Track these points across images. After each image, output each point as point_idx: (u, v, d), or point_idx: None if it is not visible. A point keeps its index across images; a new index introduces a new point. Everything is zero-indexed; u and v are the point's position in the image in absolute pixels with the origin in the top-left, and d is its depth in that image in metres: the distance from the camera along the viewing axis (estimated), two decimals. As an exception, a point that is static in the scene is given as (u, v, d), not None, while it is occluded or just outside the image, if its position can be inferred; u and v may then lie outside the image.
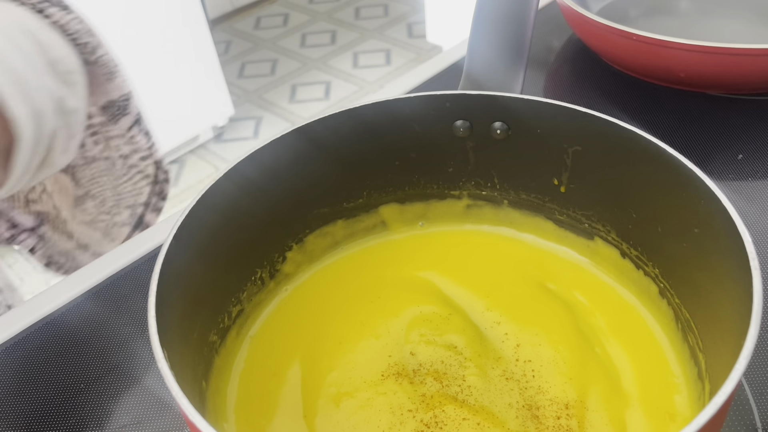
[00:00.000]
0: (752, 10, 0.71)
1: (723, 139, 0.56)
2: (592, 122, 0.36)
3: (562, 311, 0.39)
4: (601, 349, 0.36)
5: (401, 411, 0.34)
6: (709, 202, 0.31)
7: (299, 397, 0.35)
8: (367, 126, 0.40)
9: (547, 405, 0.34)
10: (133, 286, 0.48)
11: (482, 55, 0.42)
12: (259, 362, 0.38)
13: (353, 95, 2.21)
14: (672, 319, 0.36)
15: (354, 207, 0.43)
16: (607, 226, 0.40)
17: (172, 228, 0.32)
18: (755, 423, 0.35)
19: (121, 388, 0.41)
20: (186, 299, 0.33)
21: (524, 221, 0.44)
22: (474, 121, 0.40)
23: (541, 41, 0.71)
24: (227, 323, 0.38)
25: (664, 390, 0.34)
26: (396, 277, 0.42)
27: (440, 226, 0.45)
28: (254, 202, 0.38)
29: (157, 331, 0.27)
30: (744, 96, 0.60)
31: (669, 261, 0.36)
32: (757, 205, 0.49)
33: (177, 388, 0.25)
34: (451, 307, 0.39)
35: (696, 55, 0.57)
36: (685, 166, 0.32)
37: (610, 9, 0.73)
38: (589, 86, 0.65)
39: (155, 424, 0.39)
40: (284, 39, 2.58)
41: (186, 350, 0.32)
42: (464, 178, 0.43)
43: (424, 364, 0.36)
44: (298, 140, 0.39)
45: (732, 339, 0.27)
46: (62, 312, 0.47)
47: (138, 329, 0.45)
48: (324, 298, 0.41)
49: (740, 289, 0.28)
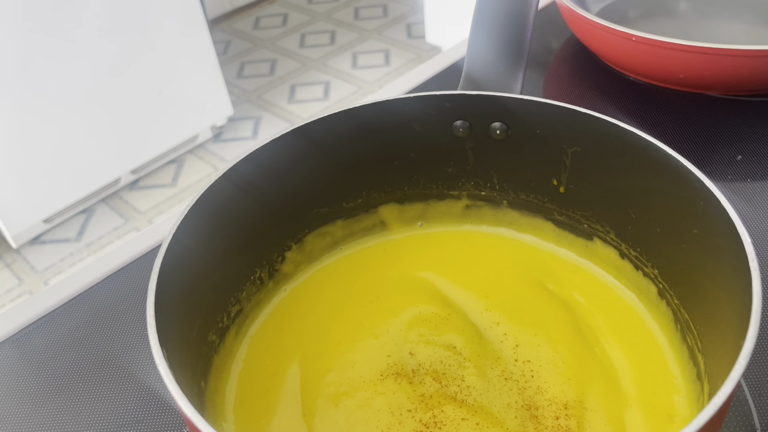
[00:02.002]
0: (751, 11, 0.71)
1: (722, 141, 0.56)
2: (592, 123, 0.36)
3: (561, 311, 0.39)
4: (600, 349, 0.36)
5: (400, 411, 0.34)
6: (709, 202, 0.31)
7: (298, 397, 0.35)
8: (367, 126, 0.40)
9: (546, 405, 0.34)
10: (132, 285, 0.48)
11: (482, 56, 0.42)
12: (258, 362, 0.37)
13: (352, 95, 2.21)
14: (671, 320, 0.36)
15: (353, 207, 0.43)
16: (606, 226, 0.40)
17: (171, 227, 0.32)
18: (754, 423, 0.35)
19: (120, 388, 0.41)
20: (185, 299, 0.33)
21: (523, 222, 0.44)
22: (473, 122, 0.40)
23: (539, 42, 0.71)
24: (226, 323, 0.38)
25: (663, 390, 0.34)
26: (395, 277, 0.42)
27: (439, 227, 0.45)
28: (253, 201, 0.38)
29: (156, 331, 0.27)
30: (743, 97, 0.60)
31: (668, 262, 0.36)
32: (756, 206, 0.49)
33: (176, 388, 0.25)
34: (450, 308, 0.39)
35: (695, 56, 0.57)
36: (684, 166, 0.32)
37: (609, 10, 0.73)
38: (588, 87, 0.65)
39: (154, 424, 0.39)
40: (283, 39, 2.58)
41: (185, 350, 0.32)
42: (463, 178, 0.43)
43: (423, 364, 0.36)
44: (298, 140, 0.39)
45: (731, 339, 0.27)
46: (60, 311, 0.46)
47: (136, 329, 0.45)
48: (323, 298, 0.41)
49: (739, 290, 0.28)
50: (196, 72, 1.82)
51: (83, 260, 1.63)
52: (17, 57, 1.44)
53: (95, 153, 1.67)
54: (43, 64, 1.49)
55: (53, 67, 1.51)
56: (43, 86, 1.51)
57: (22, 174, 1.54)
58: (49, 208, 1.64)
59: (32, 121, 1.52)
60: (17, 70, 1.45)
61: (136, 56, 1.65)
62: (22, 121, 1.50)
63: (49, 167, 1.58)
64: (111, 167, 1.73)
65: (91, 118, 1.61)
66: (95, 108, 1.61)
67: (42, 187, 1.60)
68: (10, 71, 1.44)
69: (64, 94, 1.55)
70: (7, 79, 1.44)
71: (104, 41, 1.57)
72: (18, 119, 1.49)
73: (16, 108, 1.48)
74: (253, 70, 2.40)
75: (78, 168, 1.65)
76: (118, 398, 0.40)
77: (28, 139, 1.52)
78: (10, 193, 1.54)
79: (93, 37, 1.55)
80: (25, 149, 1.53)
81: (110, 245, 1.66)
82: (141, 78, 1.68)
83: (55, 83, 1.52)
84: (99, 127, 1.64)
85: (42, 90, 1.51)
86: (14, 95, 1.47)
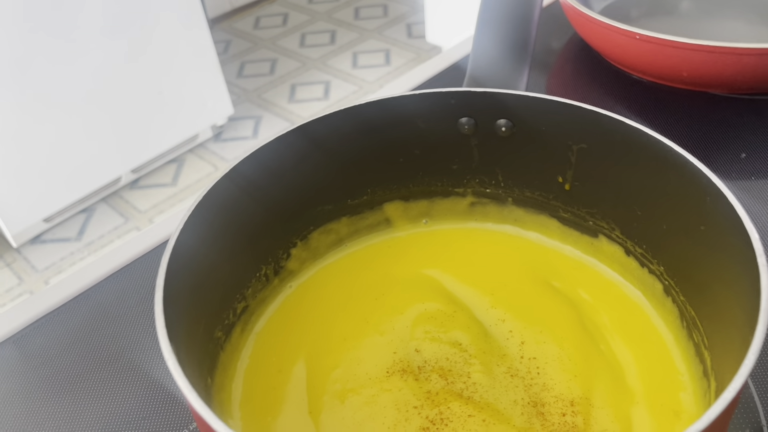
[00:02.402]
0: (754, 10, 0.71)
1: (726, 138, 0.56)
2: (597, 120, 0.36)
3: (566, 309, 0.39)
4: (605, 346, 0.36)
5: (406, 407, 0.34)
6: (716, 199, 0.31)
7: (304, 394, 0.35)
8: (371, 123, 0.40)
9: (552, 402, 0.34)
10: (133, 284, 0.48)
11: (487, 53, 0.42)
12: (263, 358, 0.37)
13: (353, 95, 2.21)
14: (677, 317, 0.36)
15: (358, 204, 0.43)
16: (612, 223, 0.40)
17: (178, 224, 0.32)
18: (760, 420, 0.35)
19: (121, 386, 0.41)
20: (191, 296, 0.33)
21: (528, 219, 0.44)
22: (479, 119, 0.40)
23: (543, 41, 0.71)
24: (232, 319, 0.38)
25: (669, 387, 0.34)
26: (400, 274, 0.42)
27: (444, 224, 0.45)
28: (257, 199, 0.38)
29: (165, 326, 0.27)
30: (746, 95, 0.60)
31: (674, 258, 0.36)
32: (762, 203, 0.49)
33: (186, 383, 0.25)
34: (456, 305, 0.39)
35: (698, 55, 0.57)
36: (691, 163, 0.32)
37: (612, 8, 0.73)
38: (591, 85, 0.65)
39: (157, 422, 0.39)
40: (284, 39, 2.58)
41: (191, 346, 0.32)
42: (468, 175, 0.43)
43: (429, 360, 0.36)
44: (303, 138, 0.39)
45: (738, 336, 0.27)
46: (61, 310, 0.46)
47: (138, 327, 0.45)
48: (328, 295, 0.41)
49: (747, 286, 0.28)
50: (197, 71, 1.82)
51: (84, 259, 1.62)
52: (18, 57, 1.44)
53: (96, 152, 1.66)
54: (43, 64, 1.49)
55: (54, 67, 1.51)
56: (43, 86, 1.51)
57: (22, 173, 1.54)
58: (49, 208, 1.64)
59: (32, 121, 1.51)
60: (18, 70, 1.45)
61: (136, 56, 1.65)
62: (21, 121, 1.50)
63: (49, 166, 1.58)
64: (111, 166, 1.72)
65: (91, 117, 1.61)
66: (96, 107, 1.61)
67: (42, 186, 1.60)
68: (11, 71, 1.44)
69: (65, 94, 1.55)
70: (7, 78, 1.44)
71: (105, 41, 1.57)
72: (17, 118, 1.49)
73: (15, 107, 1.48)
74: (253, 69, 2.40)
75: (78, 167, 1.64)
76: (119, 397, 0.40)
77: (27, 138, 1.52)
78: (10, 193, 1.54)
79: (93, 36, 1.54)
80: (25, 148, 1.53)
81: (111, 244, 1.66)
82: (141, 77, 1.68)
83: (55, 83, 1.52)
84: (99, 127, 1.64)
85: (42, 89, 1.51)
86: (14, 95, 1.46)
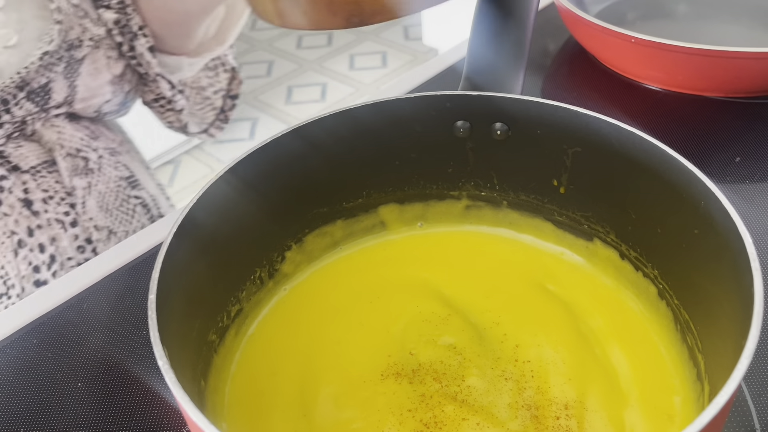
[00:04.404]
0: (749, 14, 0.72)
1: (720, 142, 0.56)
2: (593, 123, 0.36)
3: (561, 312, 0.39)
4: (600, 349, 0.36)
5: (401, 411, 0.34)
6: (710, 203, 0.31)
7: (298, 397, 0.35)
8: (367, 126, 0.40)
9: (546, 405, 0.34)
10: (129, 286, 0.48)
11: (482, 56, 0.42)
12: (257, 361, 0.37)
13: (349, 97, 2.21)
14: (671, 320, 0.36)
15: (353, 207, 0.43)
16: (607, 227, 0.40)
17: (172, 227, 0.32)
18: (753, 424, 0.35)
19: (118, 388, 0.41)
20: (185, 298, 0.33)
21: (523, 222, 0.44)
22: (474, 122, 0.40)
23: (538, 44, 0.71)
24: (226, 322, 0.38)
25: (663, 391, 0.34)
26: (395, 277, 0.42)
27: (439, 227, 0.45)
28: (253, 201, 0.38)
29: (157, 329, 0.27)
30: (741, 99, 0.60)
31: (668, 262, 0.36)
32: (755, 207, 0.49)
33: (178, 387, 0.25)
34: (451, 308, 0.39)
35: (693, 58, 0.57)
36: (685, 167, 0.32)
37: (607, 12, 0.74)
38: (587, 89, 0.65)
39: (152, 423, 0.38)
40: (280, 40, 2.58)
41: (185, 349, 0.32)
42: (464, 178, 0.43)
43: (423, 364, 0.36)
44: (298, 140, 0.39)
45: (732, 340, 0.27)
46: (61, 309, 0.46)
47: (134, 329, 0.44)
48: (323, 298, 0.41)
49: (740, 290, 0.28)
50: (193, 73, 1.81)
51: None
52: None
53: (91, 153, 1.66)
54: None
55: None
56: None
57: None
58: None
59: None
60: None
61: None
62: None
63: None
64: (107, 168, 1.72)
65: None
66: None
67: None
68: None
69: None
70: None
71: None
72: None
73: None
74: (249, 71, 2.40)
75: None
76: (116, 399, 0.40)
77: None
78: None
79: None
80: (21, 149, 1.52)
81: (106, 246, 1.66)
82: (138, 78, 1.67)
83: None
84: (95, 128, 1.63)
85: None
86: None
